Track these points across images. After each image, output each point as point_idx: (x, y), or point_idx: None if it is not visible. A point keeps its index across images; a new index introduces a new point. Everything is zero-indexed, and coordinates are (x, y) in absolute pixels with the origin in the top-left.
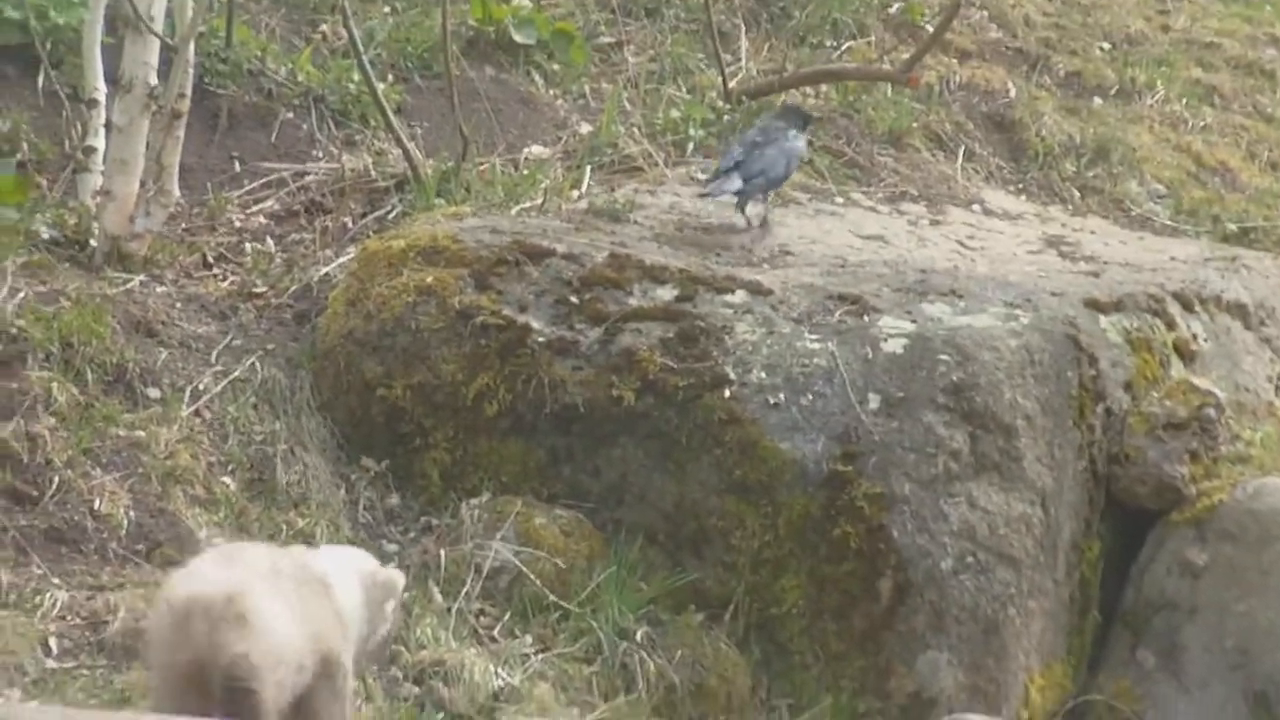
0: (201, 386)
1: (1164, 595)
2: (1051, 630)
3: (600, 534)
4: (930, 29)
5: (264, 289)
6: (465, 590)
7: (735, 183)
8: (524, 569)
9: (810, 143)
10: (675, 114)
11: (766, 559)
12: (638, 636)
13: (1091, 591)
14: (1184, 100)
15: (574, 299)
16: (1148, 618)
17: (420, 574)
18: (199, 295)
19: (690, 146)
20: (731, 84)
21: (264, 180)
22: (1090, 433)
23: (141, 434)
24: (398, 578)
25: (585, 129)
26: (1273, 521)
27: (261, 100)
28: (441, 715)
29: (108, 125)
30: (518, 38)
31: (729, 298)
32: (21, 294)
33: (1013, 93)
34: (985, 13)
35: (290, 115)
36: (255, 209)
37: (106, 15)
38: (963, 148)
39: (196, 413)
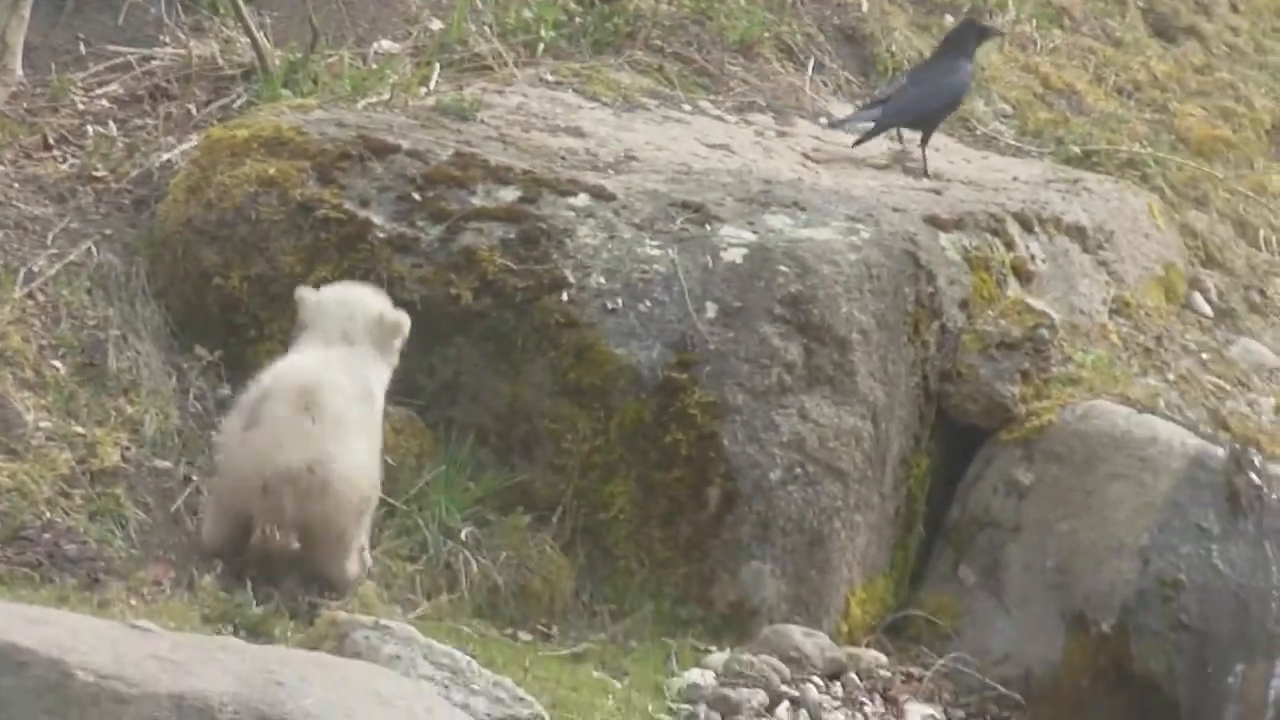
0: (36, 269)
1: (989, 513)
2: (875, 544)
3: (431, 432)
4: None
5: (104, 173)
6: None
7: (870, 116)
8: None
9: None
10: (527, 14)
11: (596, 463)
12: (463, 536)
13: (917, 507)
14: (1034, 21)
15: (416, 196)
16: (971, 535)
17: None
18: (38, 176)
19: (540, 47)
20: None
21: (109, 63)
22: (924, 349)
23: None
24: (404, 319)
25: (436, 25)
26: (1099, 443)
27: None
28: (261, 609)
29: None
30: None
31: (572, 200)
32: None
33: (865, 6)
34: None
35: None
36: (99, 92)
37: None
38: (813, 60)
39: (30, 295)
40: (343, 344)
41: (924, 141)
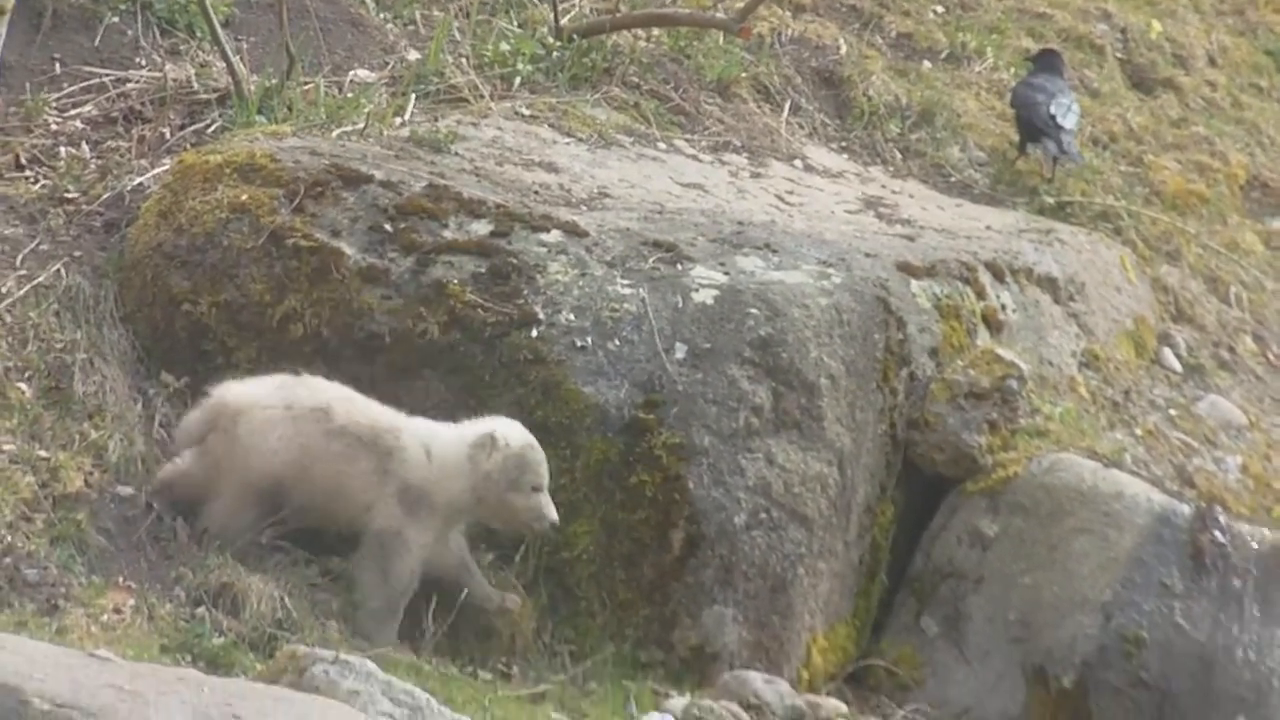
0: (4, 290)
1: (952, 564)
2: (838, 592)
3: None
4: None
5: (76, 195)
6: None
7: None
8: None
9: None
10: (505, 47)
11: (561, 502)
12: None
13: (881, 555)
14: (1012, 69)
15: (388, 227)
16: (934, 585)
17: None
18: (8, 196)
19: (517, 81)
20: (563, 20)
21: (84, 84)
22: (893, 397)
23: None
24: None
25: (413, 56)
26: (1065, 496)
27: (88, 2)
28: (221, 639)
29: None
30: None
31: (544, 236)
32: None
33: (843, 50)
34: None
35: (116, 20)
36: (73, 113)
37: None
38: (789, 102)
39: None
40: None
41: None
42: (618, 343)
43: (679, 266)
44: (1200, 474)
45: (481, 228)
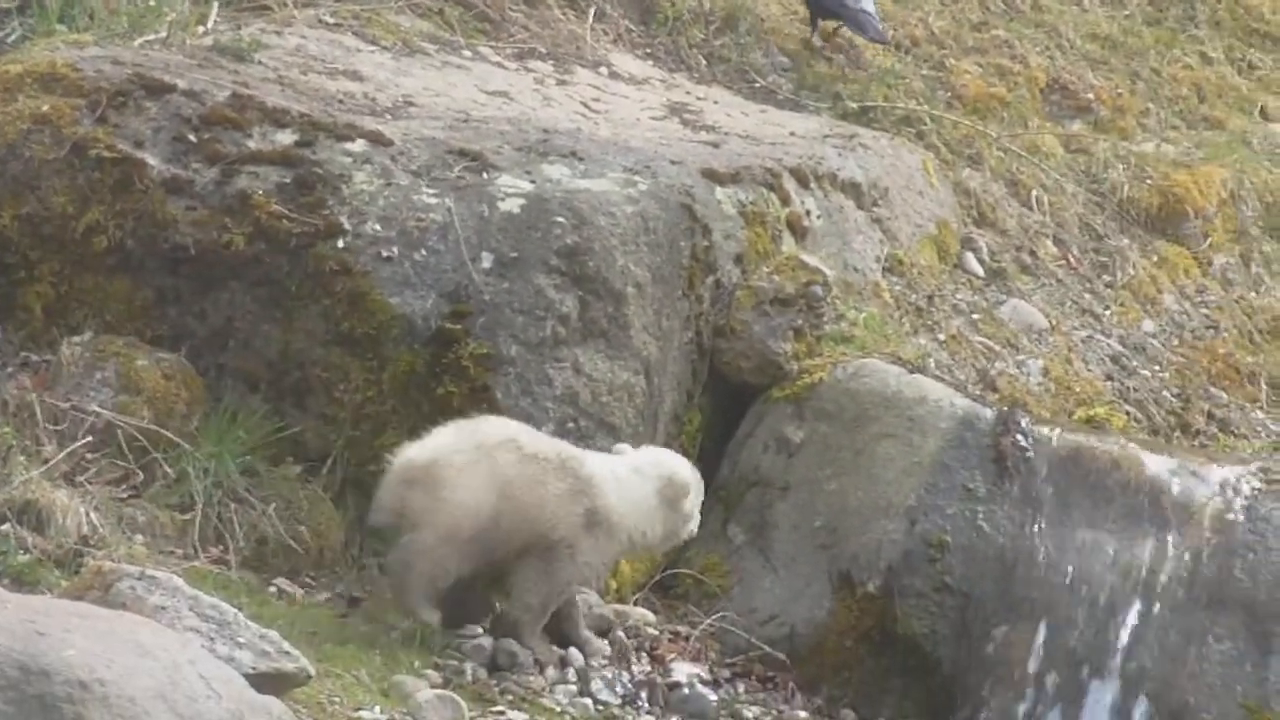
0: None
1: (759, 471)
2: None
3: (202, 379)
4: None
5: None
6: (60, 431)
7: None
8: (121, 412)
9: None
10: None
11: (368, 414)
12: (233, 486)
13: None
14: None
15: (192, 137)
16: (741, 493)
17: (15, 412)
18: None
19: None
20: None
21: None
22: (699, 304)
23: None
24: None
25: None
26: (870, 402)
27: None
28: (26, 556)
29: None
30: None
31: (349, 146)
32: None
33: None
34: None
35: None
36: None
37: None
38: (594, 8)
39: None
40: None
41: None
42: (424, 253)
43: (485, 175)
44: (1002, 378)
45: (286, 138)
